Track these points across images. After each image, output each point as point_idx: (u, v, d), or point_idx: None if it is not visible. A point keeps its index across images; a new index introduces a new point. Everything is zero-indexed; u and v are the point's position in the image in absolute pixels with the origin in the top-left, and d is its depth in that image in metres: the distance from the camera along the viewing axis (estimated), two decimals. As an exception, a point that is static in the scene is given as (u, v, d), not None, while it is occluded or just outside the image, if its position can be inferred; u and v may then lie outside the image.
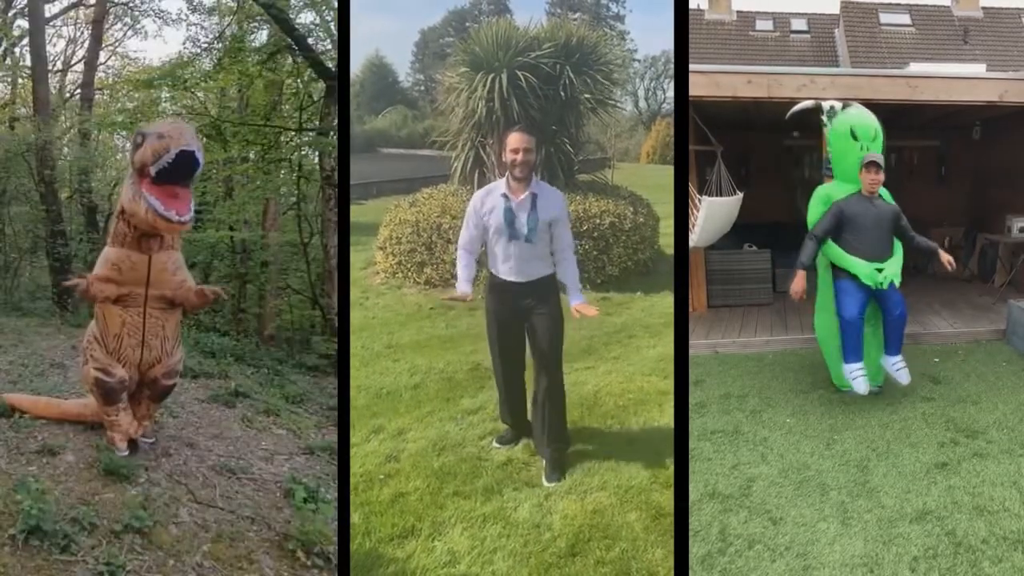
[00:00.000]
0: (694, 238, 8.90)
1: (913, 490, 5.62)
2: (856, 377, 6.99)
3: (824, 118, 8.43)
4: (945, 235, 11.76)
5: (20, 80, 15.08)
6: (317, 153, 11.94)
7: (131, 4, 14.95)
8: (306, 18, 12.00)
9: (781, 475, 5.91)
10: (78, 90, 15.29)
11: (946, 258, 7.16)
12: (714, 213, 9.05)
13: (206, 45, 12.85)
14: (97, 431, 6.05)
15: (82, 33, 16.12)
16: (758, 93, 8.75)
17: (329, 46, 11.80)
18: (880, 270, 6.84)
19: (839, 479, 5.82)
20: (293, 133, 12.52)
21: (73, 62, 16.39)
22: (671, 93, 48.52)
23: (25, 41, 13.76)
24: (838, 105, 8.40)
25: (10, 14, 14.03)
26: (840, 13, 21.27)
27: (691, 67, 8.05)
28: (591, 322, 9.57)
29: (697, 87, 8.30)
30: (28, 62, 13.77)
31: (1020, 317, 8.71)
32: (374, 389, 7.61)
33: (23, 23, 13.76)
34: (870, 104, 8.09)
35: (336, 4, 11.53)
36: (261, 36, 12.85)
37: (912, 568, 4.73)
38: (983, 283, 11.80)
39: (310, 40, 11.43)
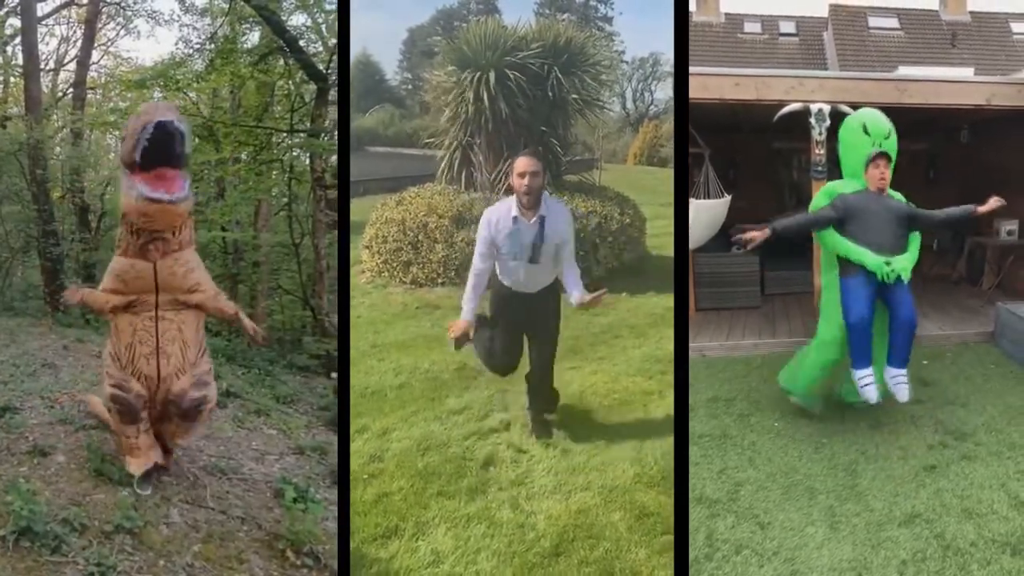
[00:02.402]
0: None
1: (901, 493, 5.65)
2: (865, 384, 6.38)
3: (812, 121, 8.48)
4: (933, 237, 11.82)
5: (12, 79, 15.07)
6: (308, 154, 11.96)
7: (124, 4, 14.94)
8: (297, 20, 12.05)
9: (769, 479, 5.93)
10: (70, 89, 15.25)
11: (990, 202, 6.57)
12: (701, 215, 9.08)
13: (198, 46, 12.86)
14: (89, 432, 6.07)
15: (75, 32, 16.09)
16: (746, 95, 8.77)
17: (320, 48, 11.84)
18: (888, 263, 6.30)
19: (827, 483, 5.85)
20: (284, 134, 12.53)
21: (66, 61, 16.38)
22: (659, 95, 48.46)
23: (17, 40, 13.74)
24: (826, 108, 8.46)
25: (2, 12, 14.01)
26: (829, 16, 21.29)
27: (680, 69, 8.08)
28: (577, 323, 9.62)
29: (685, 89, 8.34)
30: (20, 61, 13.77)
31: (1008, 320, 8.75)
32: (359, 388, 7.59)
33: (15, 21, 13.75)
34: (858, 107, 8.13)
35: (327, 7, 11.58)
36: (253, 38, 12.87)
37: (901, 572, 4.76)
38: (971, 286, 11.86)
39: (301, 42, 11.47)
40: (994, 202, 6.52)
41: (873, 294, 6.37)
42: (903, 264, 6.35)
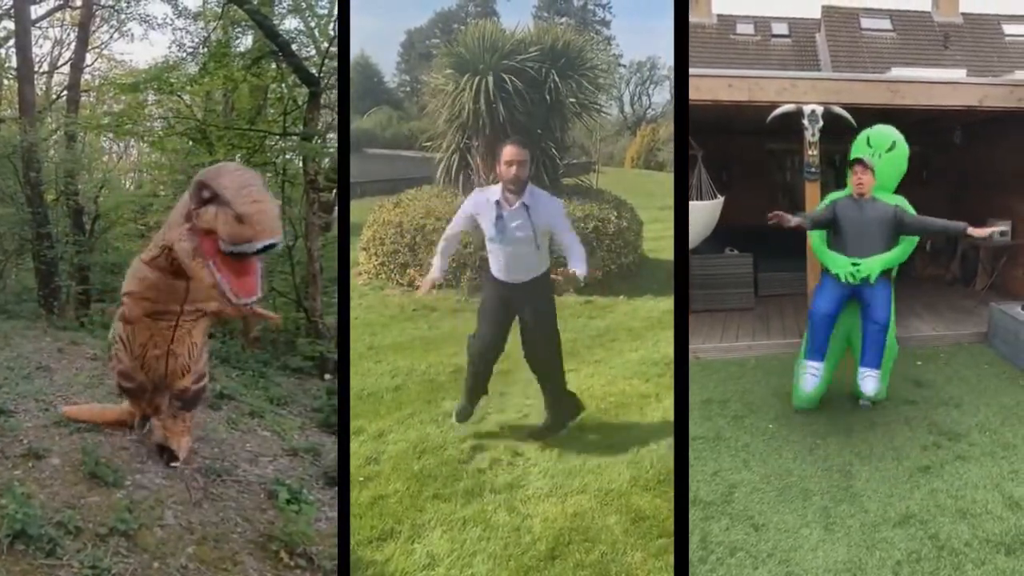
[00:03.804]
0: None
1: (896, 494, 5.67)
2: (805, 373, 6.90)
3: (805, 122, 8.48)
4: (926, 238, 11.84)
5: (6, 81, 15.04)
6: (301, 158, 11.95)
7: (117, 7, 14.88)
8: (290, 24, 12.05)
9: (763, 481, 5.95)
10: (64, 92, 15.21)
11: (986, 228, 6.81)
12: (694, 217, 9.08)
13: (192, 49, 12.83)
14: (84, 434, 6.06)
15: (68, 35, 16.05)
16: (739, 97, 8.76)
17: (313, 52, 11.84)
18: (855, 264, 6.60)
19: (822, 484, 5.87)
20: (277, 137, 12.50)
21: (59, 64, 16.33)
22: (656, 98, 48.26)
23: (11, 42, 13.71)
24: (819, 109, 8.47)
25: (-4, 14, 13.99)
26: (821, 17, 21.26)
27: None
28: (574, 325, 9.64)
29: (678, 90, 8.33)
30: (14, 63, 13.74)
31: (1002, 320, 8.77)
32: (355, 391, 7.57)
33: (9, 24, 13.72)
34: (850, 108, 8.16)
35: (319, 11, 11.60)
36: (246, 41, 12.84)
37: (895, 572, 4.78)
38: (965, 286, 11.87)
39: (294, 46, 11.46)
40: (988, 230, 6.82)
41: (844, 294, 6.72)
42: (871, 265, 6.58)
